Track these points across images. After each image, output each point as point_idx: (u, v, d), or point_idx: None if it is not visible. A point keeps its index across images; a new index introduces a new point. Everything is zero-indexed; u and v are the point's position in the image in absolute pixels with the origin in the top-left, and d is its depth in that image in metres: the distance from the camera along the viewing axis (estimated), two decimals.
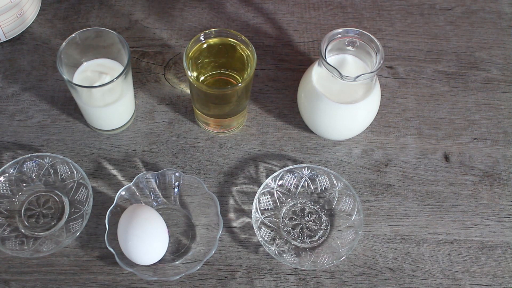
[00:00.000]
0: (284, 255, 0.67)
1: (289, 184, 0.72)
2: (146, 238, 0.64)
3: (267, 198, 0.71)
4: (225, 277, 0.68)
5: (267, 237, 0.68)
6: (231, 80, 0.72)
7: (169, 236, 0.67)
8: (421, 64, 0.82)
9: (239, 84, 0.66)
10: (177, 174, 0.69)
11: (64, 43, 0.67)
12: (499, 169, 0.75)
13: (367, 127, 0.75)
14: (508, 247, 0.70)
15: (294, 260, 0.67)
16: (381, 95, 0.74)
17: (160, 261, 0.67)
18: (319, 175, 0.71)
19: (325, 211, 0.71)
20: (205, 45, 0.70)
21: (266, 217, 0.70)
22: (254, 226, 0.68)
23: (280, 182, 0.71)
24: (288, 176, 0.71)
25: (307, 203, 0.72)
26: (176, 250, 0.69)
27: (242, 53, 0.69)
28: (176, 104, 0.78)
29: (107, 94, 0.69)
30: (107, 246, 0.64)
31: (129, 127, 0.76)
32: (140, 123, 0.76)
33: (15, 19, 0.79)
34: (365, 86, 0.69)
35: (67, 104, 0.77)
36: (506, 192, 0.74)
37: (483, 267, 0.69)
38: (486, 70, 0.82)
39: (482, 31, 0.85)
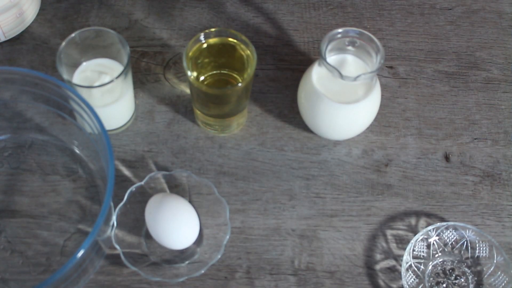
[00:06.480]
0: None
1: (448, 240, 0.69)
2: (184, 221, 0.65)
3: (423, 245, 0.68)
4: (225, 277, 0.68)
5: (411, 282, 0.66)
6: (231, 80, 0.72)
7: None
8: (422, 64, 0.82)
9: (239, 84, 0.66)
10: (186, 175, 0.69)
11: (63, 43, 0.67)
12: (500, 169, 0.75)
13: (367, 127, 0.75)
14: (508, 247, 0.70)
15: None
16: (381, 95, 0.74)
17: (164, 262, 0.67)
18: (480, 241, 0.68)
19: (476, 281, 0.67)
20: (205, 45, 0.69)
21: (416, 262, 0.68)
22: (402, 268, 0.66)
23: (439, 236, 0.69)
24: (449, 232, 0.69)
25: (457, 263, 0.69)
26: (182, 252, 0.68)
27: (242, 53, 0.69)
28: (176, 104, 0.78)
29: (107, 94, 0.69)
30: (113, 243, 0.65)
31: (129, 127, 0.76)
32: (140, 123, 0.76)
33: (14, 19, 0.78)
34: (365, 86, 0.69)
35: None
36: (506, 192, 0.73)
37: None
38: (486, 70, 0.81)
39: (482, 31, 0.84)
